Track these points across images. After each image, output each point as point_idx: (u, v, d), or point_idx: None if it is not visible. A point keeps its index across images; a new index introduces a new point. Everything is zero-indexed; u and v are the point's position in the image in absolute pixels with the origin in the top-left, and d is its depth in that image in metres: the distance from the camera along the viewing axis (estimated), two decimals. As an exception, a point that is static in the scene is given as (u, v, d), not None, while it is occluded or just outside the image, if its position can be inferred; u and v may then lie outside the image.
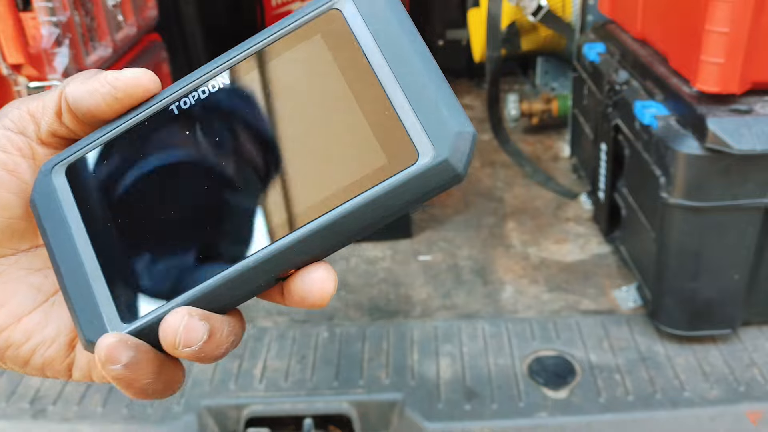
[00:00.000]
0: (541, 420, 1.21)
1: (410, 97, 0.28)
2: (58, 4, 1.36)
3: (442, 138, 0.27)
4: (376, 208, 0.28)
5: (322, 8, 0.30)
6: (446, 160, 0.27)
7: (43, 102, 0.33)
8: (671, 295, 1.31)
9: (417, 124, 0.28)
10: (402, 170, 0.27)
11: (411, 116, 0.28)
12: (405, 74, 0.28)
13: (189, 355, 0.30)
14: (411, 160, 0.27)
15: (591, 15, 1.92)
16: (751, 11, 1.07)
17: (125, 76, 0.32)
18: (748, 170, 1.15)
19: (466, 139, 0.27)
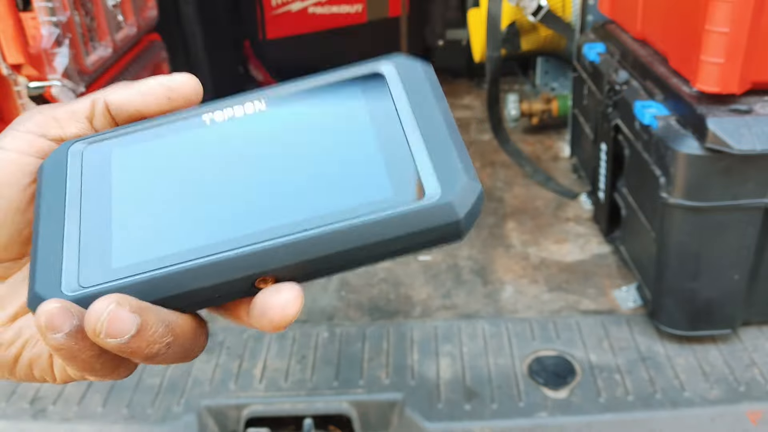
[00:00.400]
0: (541, 420, 1.21)
1: (428, 144, 0.30)
2: (58, 4, 1.36)
3: (450, 184, 0.29)
4: (371, 233, 0.28)
5: (368, 68, 0.33)
6: (450, 203, 0.28)
7: (72, 108, 0.34)
8: (671, 295, 1.31)
9: (429, 166, 0.29)
10: (406, 203, 0.28)
11: (425, 159, 0.29)
12: (427, 125, 0.31)
13: (114, 347, 0.27)
14: (417, 197, 0.28)
15: (591, 15, 1.92)
16: (751, 11, 1.07)
17: (178, 79, 0.33)
18: (748, 170, 1.15)
19: (474, 192, 0.29)
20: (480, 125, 2.42)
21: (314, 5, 2.68)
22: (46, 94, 1.36)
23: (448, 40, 2.79)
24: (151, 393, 1.30)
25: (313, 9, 2.69)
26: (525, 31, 2.13)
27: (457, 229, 0.28)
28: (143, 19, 1.83)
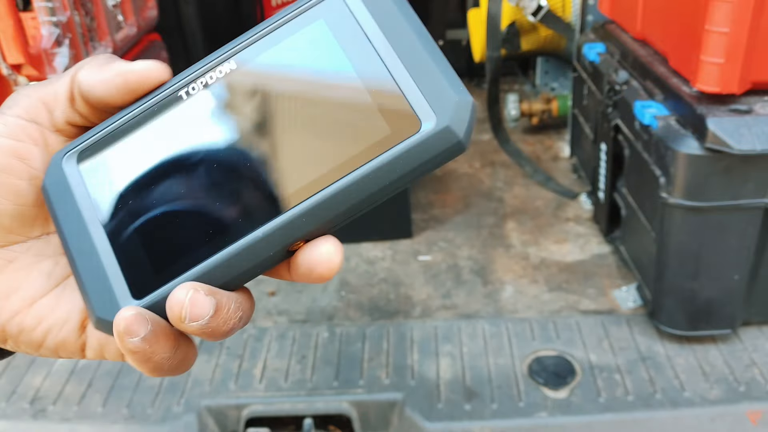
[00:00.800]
0: (541, 420, 1.21)
1: (411, 71, 0.29)
2: (58, 4, 1.36)
3: (443, 107, 0.29)
4: (381, 176, 0.29)
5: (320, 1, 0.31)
6: (448, 126, 0.28)
7: (55, 89, 0.34)
8: (671, 295, 1.31)
9: (419, 95, 0.29)
10: (406, 138, 0.29)
11: (413, 88, 0.29)
12: (405, 51, 0.30)
13: (196, 330, 0.30)
14: (414, 129, 0.29)
15: (591, 15, 1.92)
16: (751, 11, 1.07)
17: (138, 68, 0.33)
18: (748, 170, 1.15)
19: (466, 107, 0.29)
20: (480, 125, 2.42)
21: (314, 5, 2.68)
22: (46, 94, 1.36)
23: (448, 40, 2.79)
24: (151, 393, 1.30)
25: (313, 9, 2.69)
26: (525, 31, 2.13)
27: (459, 146, 0.29)
28: (143, 19, 1.83)
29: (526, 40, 2.15)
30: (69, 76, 0.33)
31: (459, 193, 1.99)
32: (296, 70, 0.31)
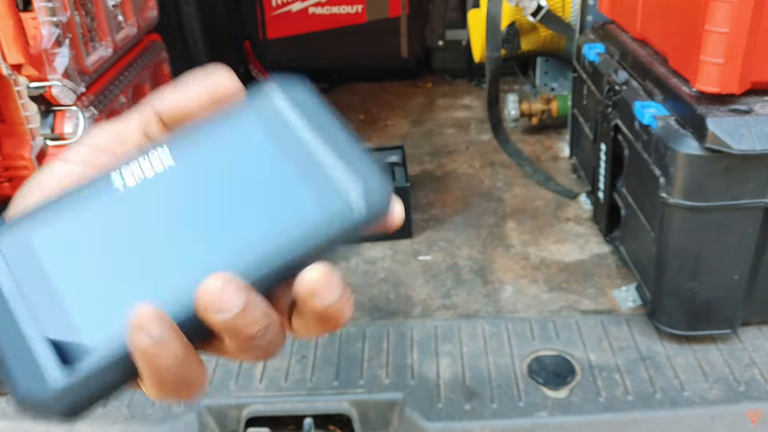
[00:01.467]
0: (541, 420, 1.21)
1: (342, 162, 0.33)
2: (59, 4, 1.36)
3: (367, 187, 0.32)
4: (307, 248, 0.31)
5: (253, 98, 0.34)
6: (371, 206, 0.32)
7: (125, 119, 0.35)
8: (671, 295, 1.32)
9: (347, 177, 0.32)
10: (334, 218, 0.31)
11: (344, 176, 0.32)
12: (329, 137, 0.33)
13: (220, 324, 0.29)
14: (342, 209, 0.31)
15: (590, 15, 1.92)
16: (751, 11, 1.07)
17: (218, 81, 0.34)
18: (748, 170, 1.15)
19: (387, 187, 0.32)
20: (480, 125, 2.42)
21: (314, 5, 2.69)
22: (47, 95, 1.36)
23: (448, 40, 2.79)
24: (151, 393, 1.30)
25: (313, 9, 2.69)
26: (525, 31, 2.13)
27: (384, 221, 0.32)
28: (143, 20, 1.83)
29: (526, 40, 2.16)
30: (141, 110, 0.35)
31: (459, 193, 1.99)
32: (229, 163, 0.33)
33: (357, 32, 2.71)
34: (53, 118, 1.41)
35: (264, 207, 0.32)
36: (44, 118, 1.41)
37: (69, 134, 1.41)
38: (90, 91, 1.51)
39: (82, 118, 1.43)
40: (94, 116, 1.48)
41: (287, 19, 2.71)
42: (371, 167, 0.32)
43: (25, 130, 1.46)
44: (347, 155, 0.33)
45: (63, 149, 0.37)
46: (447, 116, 2.54)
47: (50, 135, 1.42)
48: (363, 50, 2.75)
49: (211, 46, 2.34)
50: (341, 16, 2.70)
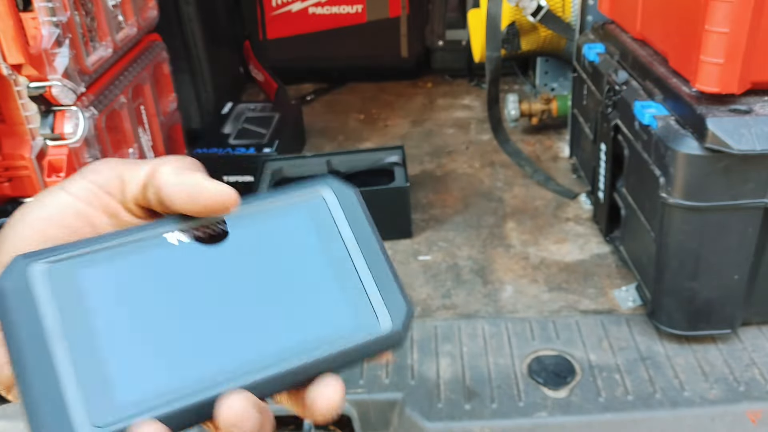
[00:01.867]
0: (541, 420, 1.21)
1: (373, 272, 0.35)
2: (59, 4, 1.36)
3: (397, 311, 0.34)
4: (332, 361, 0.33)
5: (308, 192, 0.36)
6: (399, 331, 0.34)
7: (136, 171, 0.35)
8: (671, 294, 1.32)
9: (378, 297, 0.34)
10: (365, 335, 0.33)
11: (374, 289, 0.34)
12: (369, 254, 0.35)
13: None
14: (373, 327, 0.34)
15: (590, 15, 1.92)
16: (751, 11, 1.07)
17: (210, 189, 0.34)
18: (747, 170, 1.15)
19: (411, 314, 0.35)
20: (480, 125, 2.42)
21: (314, 5, 2.69)
22: (47, 95, 1.36)
23: (448, 40, 2.79)
24: (151, 393, 1.30)
25: (313, 9, 2.69)
26: (525, 31, 2.13)
27: (400, 344, 0.34)
28: (143, 20, 1.83)
29: (526, 40, 2.16)
30: (153, 165, 0.35)
31: (459, 193, 1.99)
32: (278, 251, 0.35)
33: (357, 32, 2.71)
34: (53, 118, 1.41)
35: (300, 310, 0.33)
36: (44, 118, 1.41)
37: (69, 134, 1.42)
38: (90, 91, 1.51)
39: (82, 118, 1.43)
40: (94, 116, 1.48)
41: (287, 19, 2.71)
42: (399, 291, 0.35)
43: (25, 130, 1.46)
44: (380, 273, 0.35)
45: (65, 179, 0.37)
46: (447, 116, 2.54)
47: (50, 135, 1.42)
48: (363, 50, 2.75)
49: (211, 46, 2.34)
50: (341, 16, 2.70)
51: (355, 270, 0.35)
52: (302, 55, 2.76)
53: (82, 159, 1.46)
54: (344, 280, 0.34)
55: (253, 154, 1.95)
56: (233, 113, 2.24)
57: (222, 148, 2.00)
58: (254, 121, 2.17)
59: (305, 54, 2.76)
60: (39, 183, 1.49)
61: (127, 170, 0.35)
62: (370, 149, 1.94)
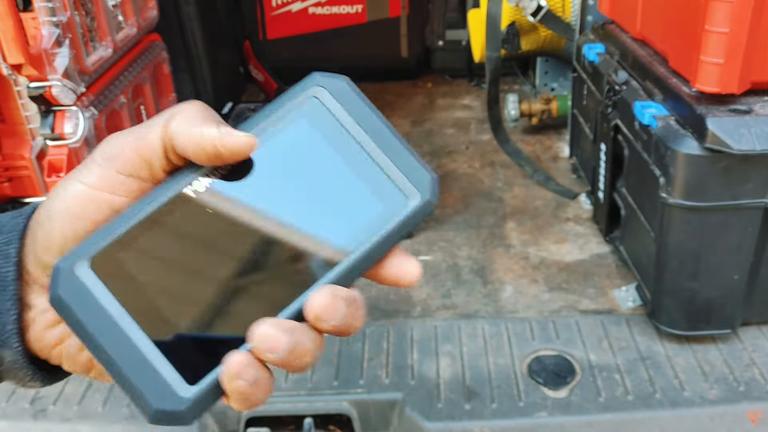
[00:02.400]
0: (541, 420, 1.21)
1: (388, 154, 0.36)
2: (59, 5, 1.36)
3: (421, 183, 0.36)
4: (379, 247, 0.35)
5: (301, 98, 0.36)
6: (429, 201, 0.36)
7: (149, 143, 0.35)
8: (671, 295, 1.32)
9: (400, 175, 0.36)
10: (398, 214, 0.35)
11: (398, 173, 0.36)
12: (383, 141, 0.36)
13: (331, 328, 0.33)
14: (404, 205, 0.36)
15: (590, 15, 1.92)
16: (751, 11, 1.07)
17: (232, 141, 0.34)
18: (747, 170, 1.15)
19: (436, 182, 0.36)
20: (480, 125, 2.42)
21: (314, 5, 2.68)
22: (47, 95, 1.36)
23: (448, 40, 2.79)
24: (151, 393, 1.30)
25: (313, 9, 2.69)
26: (525, 31, 2.13)
27: (431, 209, 0.36)
28: (143, 20, 1.83)
29: (525, 40, 2.16)
30: (160, 126, 0.34)
31: (459, 193, 1.99)
32: (296, 166, 0.36)
33: (357, 32, 2.71)
34: (53, 118, 1.41)
35: (339, 210, 0.35)
36: (44, 118, 1.41)
37: (69, 134, 1.42)
38: (90, 91, 1.51)
39: (82, 118, 1.43)
40: (94, 116, 1.48)
41: (287, 19, 2.71)
42: (417, 161, 0.36)
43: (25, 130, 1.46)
44: (396, 153, 0.36)
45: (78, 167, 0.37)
46: (447, 116, 2.54)
47: (50, 135, 1.42)
48: (363, 50, 2.75)
49: (211, 46, 2.34)
50: (341, 16, 2.70)
51: (371, 158, 0.36)
52: (302, 55, 2.76)
53: (83, 159, 1.46)
54: (365, 170, 0.36)
55: (253, 154, 1.95)
56: (233, 113, 2.24)
57: (222, 148, 1.99)
58: (254, 121, 2.17)
59: (305, 54, 2.75)
60: (39, 183, 1.49)
61: (140, 145, 0.34)
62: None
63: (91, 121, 1.45)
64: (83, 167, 0.35)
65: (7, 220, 0.36)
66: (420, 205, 0.35)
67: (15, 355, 0.35)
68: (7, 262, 0.34)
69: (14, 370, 0.35)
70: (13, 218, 0.36)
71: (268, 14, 2.71)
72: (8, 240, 0.34)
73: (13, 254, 0.34)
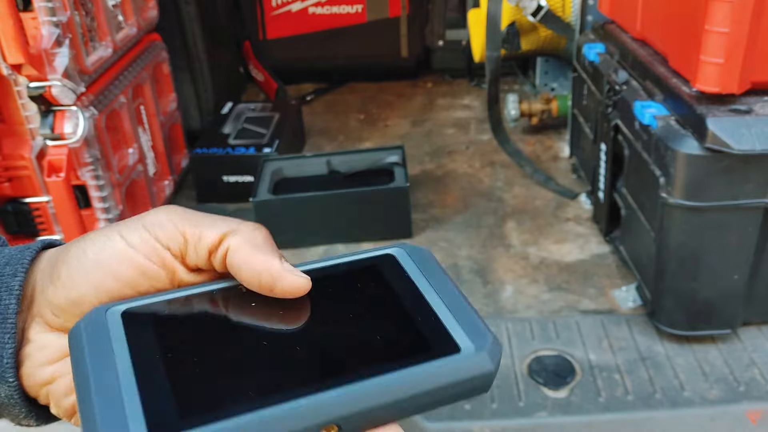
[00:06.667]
0: (541, 419, 1.21)
1: (454, 313, 0.35)
2: (59, 4, 1.36)
3: (481, 341, 0.33)
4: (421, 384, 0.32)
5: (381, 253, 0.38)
6: (483, 353, 0.33)
7: (201, 234, 0.35)
8: (671, 295, 1.32)
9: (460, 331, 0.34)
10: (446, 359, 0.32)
11: (456, 326, 0.34)
12: (449, 298, 0.35)
13: None
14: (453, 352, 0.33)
15: (591, 15, 1.92)
16: (751, 11, 1.07)
17: (288, 283, 0.34)
18: (747, 170, 1.15)
19: (499, 346, 0.34)
20: (480, 125, 2.42)
21: (314, 5, 2.69)
22: (47, 95, 1.36)
23: (448, 40, 2.79)
24: (151, 393, 1.30)
25: (313, 9, 2.69)
26: (525, 31, 2.13)
27: (491, 379, 0.33)
28: (143, 19, 1.83)
29: (526, 40, 2.16)
30: (221, 232, 0.34)
31: (459, 193, 1.99)
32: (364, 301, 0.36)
33: (357, 32, 2.71)
34: (53, 118, 1.41)
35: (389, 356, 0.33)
36: (44, 118, 1.41)
37: (69, 134, 1.42)
38: (90, 91, 1.51)
39: (81, 118, 1.43)
40: (94, 116, 1.48)
41: (287, 19, 2.71)
42: (485, 329, 0.34)
43: (25, 130, 1.46)
44: (465, 316, 0.34)
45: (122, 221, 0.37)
46: (447, 116, 2.54)
47: (50, 135, 1.42)
48: (363, 50, 2.75)
49: (211, 46, 2.34)
50: (341, 16, 2.70)
51: (438, 315, 0.35)
52: (302, 55, 2.76)
53: (82, 159, 1.46)
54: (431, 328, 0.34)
55: (253, 154, 1.95)
56: (233, 113, 2.24)
57: (222, 148, 2.00)
58: (254, 121, 2.17)
59: (305, 54, 2.76)
60: (39, 183, 1.49)
61: (191, 230, 0.35)
62: (370, 149, 1.94)
63: (90, 121, 1.45)
64: (128, 225, 0.35)
65: (15, 253, 0.36)
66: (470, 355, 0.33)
67: (10, 390, 0.34)
68: (10, 294, 0.34)
69: (9, 406, 0.35)
70: (21, 251, 0.36)
71: (268, 14, 2.71)
72: (14, 272, 0.35)
73: (17, 287, 0.34)
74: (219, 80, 2.41)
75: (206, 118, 2.33)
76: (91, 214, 1.52)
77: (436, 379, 0.32)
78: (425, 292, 0.36)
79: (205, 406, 0.30)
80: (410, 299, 0.35)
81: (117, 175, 1.60)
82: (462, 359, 0.32)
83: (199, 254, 0.35)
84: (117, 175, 1.60)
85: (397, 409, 0.32)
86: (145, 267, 0.34)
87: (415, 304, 0.35)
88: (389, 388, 0.31)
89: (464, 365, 0.32)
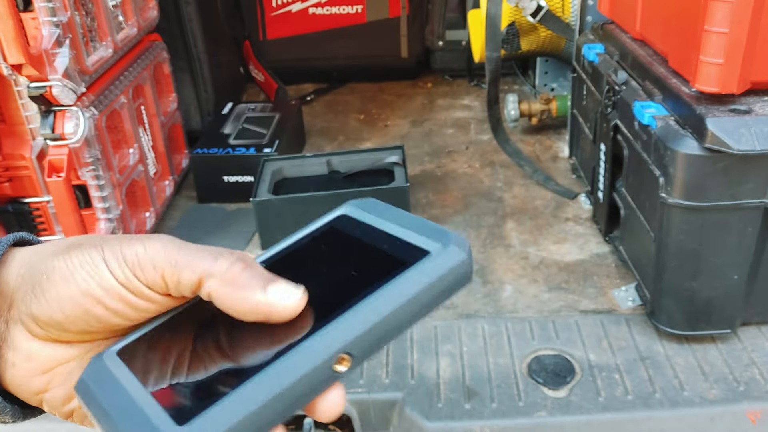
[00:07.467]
0: (541, 419, 1.21)
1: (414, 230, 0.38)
2: (59, 5, 1.36)
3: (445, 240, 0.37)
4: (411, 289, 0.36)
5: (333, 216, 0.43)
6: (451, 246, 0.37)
7: (179, 277, 0.35)
8: (670, 294, 1.32)
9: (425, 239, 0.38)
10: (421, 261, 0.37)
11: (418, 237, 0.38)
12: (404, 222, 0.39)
13: None
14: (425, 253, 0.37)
15: (590, 15, 1.92)
16: (751, 11, 1.07)
17: (283, 309, 0.35)
18: (747, 170, 1.15)
19: (463, 239, 0.37)
20: (480, 125, 2.42)
21: (314, 6, 2.69)
22: (47, 95, 1.37)
23: (448, 40, 2.79)
24: (151, 392, 1.30)
25: (313, 9, 2.69)
26: (525, 31, 2.13)
27: (468, 266, 0.37)
28: (144, 20, 1.83)
29: (525, 40, 2.16)
30: (198, 276, 0.34)
31: (459, 193, 1.99)
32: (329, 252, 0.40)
33: (357, 32, 2.71)
34: (53, 118, 1.41)
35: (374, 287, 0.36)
36: (44, 118, 1.41)
37: (69, 134, 1.42)
38: (90, 91, 1.51)
39: (82, 118, 1.43)
40: (95, 116, 1.48)
41: (287, 20, 2.71)
42: (444, 230, 0.38)
43: (25, 130, 1.46)
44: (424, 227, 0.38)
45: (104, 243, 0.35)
46: (447, 116, 2.54)
47: (50, 135, 1.42)
48: (363, 50, 2.75)
49: (211, 46, 2.34)
50: (341, 16, 2.70)
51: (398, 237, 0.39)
52: (302, 55, 2.76)
53: (83, 159, 1.46)
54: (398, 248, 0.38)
55: (253, 154, 1.95)
56: (233, 113, 2.24)
57: (222, 148, 2.00)
58: (254, 121, 2.17)
59: (305, 54, 2.76)
60: (39, 183, 1.49)
61: (169, 272, 0.34)
62: (370, 149, 1.95)
63: (91, 121, 1.45)
64: (111, 258, 0.35)
65: None
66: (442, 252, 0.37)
67: None
68: None
69: None
70: None
71: (268, 14, 2.71)
72: None
73: None
74: (219, 80, 2.41)
75: (206, 118, 2.33)
76: (91, 214, 1.53)
77: (420, 279, 0.36)
78: (382, 227, 0.39)
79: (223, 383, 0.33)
80: (373, 237, 0.39)
81: (117, 175, 1.60)
82: (435, 257, 0.36)
83: (182, 293, 0.35)
84: (117, 175, 1.60)
85: (396, 321, 0.35)
86: (133, 303, 0.35)
87: (379, 239, 0.39)
88: (383, 302, 0.35)
89: (439, 261, 0.36)
